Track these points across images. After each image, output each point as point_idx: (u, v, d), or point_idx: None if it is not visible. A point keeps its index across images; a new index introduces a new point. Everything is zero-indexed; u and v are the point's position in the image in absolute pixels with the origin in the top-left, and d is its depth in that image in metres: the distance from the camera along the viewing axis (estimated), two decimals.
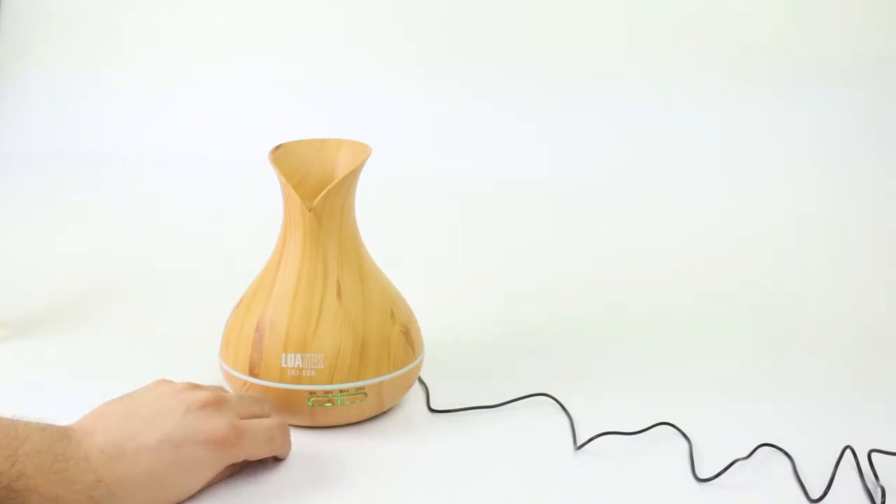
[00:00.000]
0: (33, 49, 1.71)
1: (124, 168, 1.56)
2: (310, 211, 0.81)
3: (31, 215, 1.39)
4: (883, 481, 0.77)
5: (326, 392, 0.81)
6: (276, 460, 0.79)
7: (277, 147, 0.86)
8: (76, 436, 0.69)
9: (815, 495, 0.76)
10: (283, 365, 0.81)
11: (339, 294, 0.83)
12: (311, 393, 0.81)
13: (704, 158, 1.48)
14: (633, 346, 1.02)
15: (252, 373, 0.82)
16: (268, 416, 0.79)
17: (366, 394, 0.83)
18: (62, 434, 0.68)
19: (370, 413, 0.85)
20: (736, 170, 1.46)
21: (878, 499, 0.75)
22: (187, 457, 0.71)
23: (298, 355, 0.81)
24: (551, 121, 1.55)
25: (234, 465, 0.76)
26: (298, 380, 0.81)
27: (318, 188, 0.83)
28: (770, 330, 1.06)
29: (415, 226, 1.34)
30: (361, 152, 0.85)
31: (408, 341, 0.85)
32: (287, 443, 0.79)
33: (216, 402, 0.74)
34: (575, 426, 0.85)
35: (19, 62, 1.71)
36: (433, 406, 0.88)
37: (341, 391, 0.82)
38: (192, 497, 0.73)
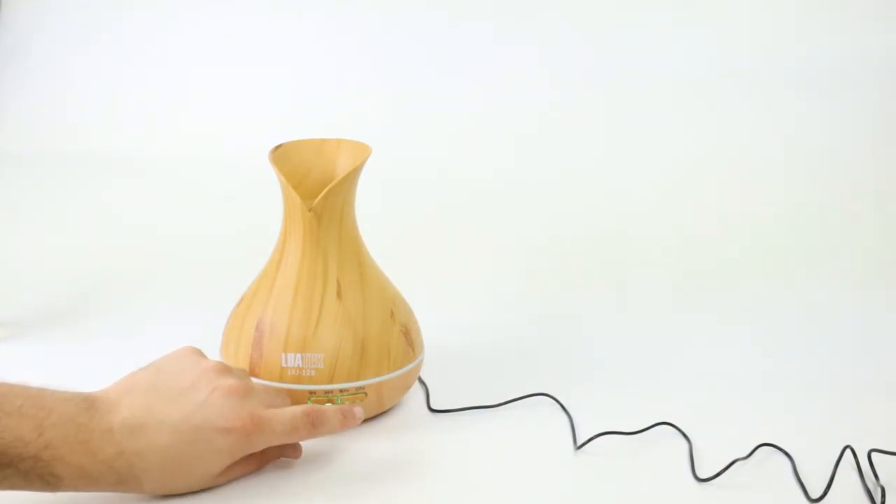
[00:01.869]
0: (33, 49, 1.71)
1: (124, 168, 1.56)
2: (310, 211, 0.81)
3: (31, 215, 1.39)
4: (883, 481, 0.77)
5: (326, 392, 0.81)
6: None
7: (277, 147, 0.86)
8: (101, 406, 0.70)
9: (815, 495, 0.76)
10: (283, 365, 0.81)
11: (339, 294, 0.83)
12: (311, 393, 0.81)
13: (708, 148, 1.48)
14: (633, 346, 1.02)
15: (252, 372, 0.82)
16: None
17: (366, 394, 0.83)
18: (88, 404, 0.70)
19: (370, 413, 0.84)
20: (737, 163, 1.46)
21: (878, 499, 0.75)
22: (205, 440, 0.72)
23: (298, 355, 0.81)
24: (550, 118, 1.55)
25: (261, 459, 0.76)
26: (298, 379, 0.81)
27: (318, 188, 0.83)
28: (770, 330, 1.06)
29: (415, 225, 1.34)
30: (361, 152, 0.85)
31: (408, 341, 0.85)
32: (317, 433, 0.76)
33: (242, 390, 0.74)
34: (575, 426, 0.85)
35: (19, 62, 1.71)
36: (433, 406, 0.88)
37: (341, 391, 0.82)
38: (202, 492, 0.74)
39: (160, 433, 0.70)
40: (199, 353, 0.78)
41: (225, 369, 0.76)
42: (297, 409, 0.76)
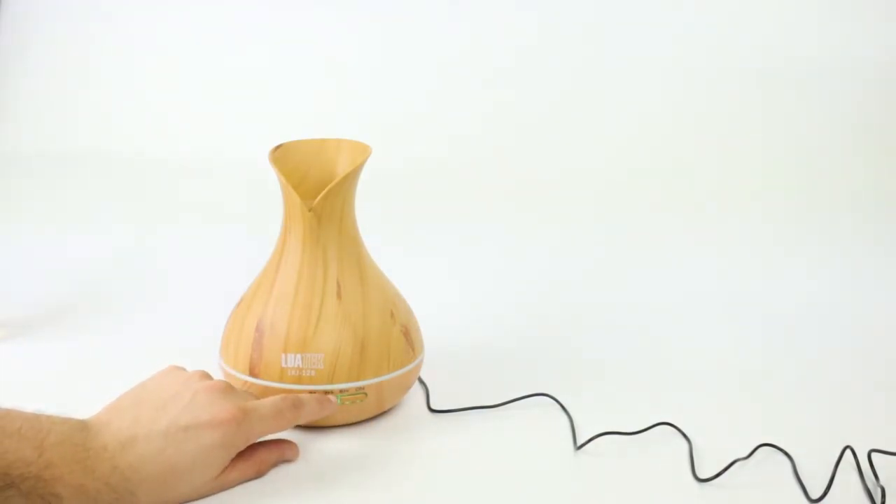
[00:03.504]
0: (33, 49, 1.71)
1: (124, 168, 1.56)
2: (310, 211, 0.81)
3: (31, 215, 1.39)
4: (883, 481, 0.77)
5: (326, 392, 0.81)
6: (286, 461, 0.79)
7: (277, 147, 0.86)
8: (94, 427, 0.71)
9: (815, 495, 0.76)
10: (283, 365, 0.81)
11: (339, 294, 0.83)
12: (312, 393, 0.81)
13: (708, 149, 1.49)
14: (633, 346, 1.02)
15: (252, 373, 0.82)
16: None
17: (366, 394, 0.83)
18: (81, 426, 0.71)
19: (370, 413, 0.85)
20: (739, 165, 1.47)
21: (878, 499, 0.75)
22: (196, 438, 0.72)
23: (298, 355, 0.81)
24: (551, 120, 1.55)
25: (259, 465, 0.76)
26: (298, 380, 0.81)
27: (318, 188, 0.83)
28: (770, 330, 1.06)
29: (414, 225, 1.34)
30: (361, 152, 0.85)
31: (408, 341, 0.85)
32: (299, 415, 0.78)
33: (223, 387, 0.76)
34: (575, 426, 0.85)
35: (19, 62, 1.71)
36: (433, 406, 0.88)
37: (341, 391, 0.82)
38: (207, 499, 0.74)
39: (150, 442, 0.71)
40: (180, 368, 0.80)
41: (205, 375, 0.79)
42: (277, 396, 0.78)
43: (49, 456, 0.67)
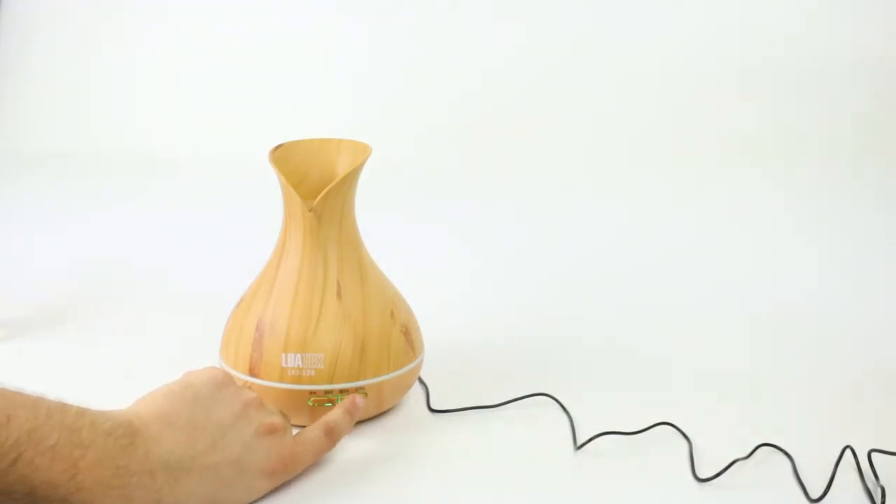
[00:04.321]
0: (33, 49, 1.71)
1: (124, 168, 1.56)
2: (310, 211, 0.81)
3: (31, 215, 1.39)
4: (883, 481, 0.77)
5: (326, 392, 0.81)
6: None
7: (277, 147, 0.86)
8: (143, 443, 0.66)
9: (815, 495, 0.76)
10: (283, 365, 0.81)
11: (339, 294, 0.83)
12: (312, 393, 0.81)
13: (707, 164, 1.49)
14: (633, 346, 1.02)
15: (252, 373, 0.82)
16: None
17: (366, 394, 0.83)
18: (128, 441, 0.65)
19: (370, 413, 0.84)
20: (739, 166, 1.47)
21: (878, 499, 0.75)
22: (247, 482, 0.72)
23: (298, 355, 0.81)
24: (549, 117, 1.55)
25: None
26: (298, 380, 0.81)
27: (318, 188, 0.83)
28: (770, 329, 1.06)
29: (414, 225, 1.34)
30: (361, 152, 0.85)
31: (408, 341, 0.85)
32: (335, 441, 0.78)
33: (281, 428, 0.75)
34: (575, 426, 0.85)
35: (19, 62, 1.71)
36: (433, 406, 0.88)
37: (341, 391, 0.82)
38: None
39: (204, 481, 0.68)
40: (231, 380, 0.76)
41: (261, 403, 0.75)
42: (317, 431, 0.77)
43: (82, 479, 0.62)
